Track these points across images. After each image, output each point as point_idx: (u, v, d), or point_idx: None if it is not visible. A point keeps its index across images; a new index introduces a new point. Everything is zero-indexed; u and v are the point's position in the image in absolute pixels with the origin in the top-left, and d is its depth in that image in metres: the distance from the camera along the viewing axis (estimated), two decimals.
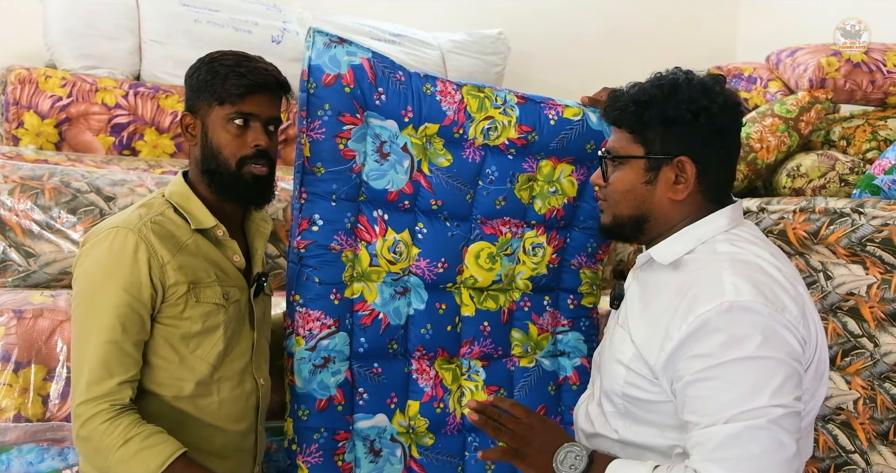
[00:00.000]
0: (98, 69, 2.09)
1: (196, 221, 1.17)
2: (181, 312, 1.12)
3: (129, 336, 1.08)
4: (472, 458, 1.44)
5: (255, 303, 1.24)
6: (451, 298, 1.46)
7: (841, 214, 1.69)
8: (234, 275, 1.21)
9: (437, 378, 1.43)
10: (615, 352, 1.07)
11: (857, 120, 2.21)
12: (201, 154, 1.18)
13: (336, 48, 1.29)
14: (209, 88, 1.15)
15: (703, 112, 1.01)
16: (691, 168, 1.02)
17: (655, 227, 1.07)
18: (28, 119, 1.99)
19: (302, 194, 1.32)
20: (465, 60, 2.61)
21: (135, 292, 1.08)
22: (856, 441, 1.66)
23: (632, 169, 1.05)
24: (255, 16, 2.31)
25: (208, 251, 1.17)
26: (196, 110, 1.18)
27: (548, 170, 1.48)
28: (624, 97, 1.05)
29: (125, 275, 1.08)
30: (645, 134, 1.04)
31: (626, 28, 3.11)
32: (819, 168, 2.03)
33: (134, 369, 1.09)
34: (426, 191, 1.40)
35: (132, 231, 1.10)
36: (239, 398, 1.21)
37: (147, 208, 1.16)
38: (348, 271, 1.36)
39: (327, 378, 1.33)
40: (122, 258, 1.08)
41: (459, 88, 1.38)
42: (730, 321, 0.92)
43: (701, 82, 1.04)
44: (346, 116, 1.30)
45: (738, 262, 0.98)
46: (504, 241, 1.48)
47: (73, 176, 1.60)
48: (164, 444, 1.05)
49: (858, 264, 1.66)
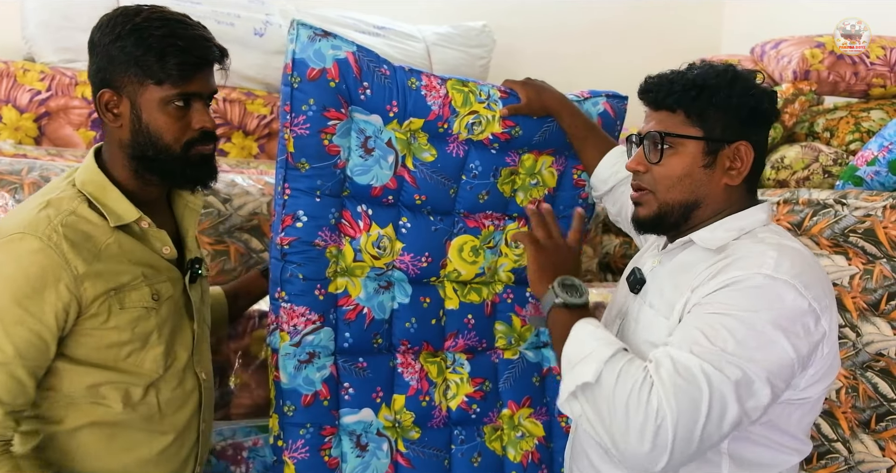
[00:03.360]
0: (77, 62, 2.05)
1: (115, 217, 1.02)
2: (104, 322, 0.99)
3: (23, 361, 0.94)
4: (458, 452, 1.44)
5: (191, 291, 1.13)
6: (434, 291, 1.45)
7: (824, 205, 1.70)
8: (166, 268, 1.09)
9: (423, 372, 1.43)
10: (646, 335, 1.06)
11: (841, 112, 2.23)
12: (132, 139, 1.02)
13: (321, 42, 1.27)
14: (140, 65, 0.98)
15: (762, 99, 1.03)
16: (750, 153, 1.03)
17: (703, 213, 1.06)
18: (6, 113, 1.96)
19: (285, 190, 1.30)
20: (449, 53, 2.60)
21: (37, 312, 0.93)
22: (838, 429, 1.68)
23: (689, 152, 1.03)
24: (238, 8, 2.29)
25: (132, 249, 1.04)
26: (119, 86, 1.01)
27: (529, 163, 1.48)
28: (677, 80, 1.03)
29: (27, 293, 0.93)
30: (704, 117, 1.03)
31: (611, 20, 3.11)
32: (803, 160, 2.04)
33: (22, 398, 0.95)
34: (410, 186, 1.39)
35: (39, 240, 0.94)
36: (178, 399, 1.11)
37: (55, 208, 0.99)
38: (332, 266, 1.35)
39: (312, 374, 1.32)
40: (26, 275, 0.93)
41: (444, 83, 1.37)
42: (756, 287, 0.92)
43: (747, 72, 1.06)
44: (331, 111, 1.28)
45: (784, 246, 0.98)
46: (487, 234, 1.48)
47: (52, 170, 1.58)
48: None
49: (841, 254, 1.68)
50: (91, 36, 1.04)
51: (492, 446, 1.47)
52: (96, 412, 1.03)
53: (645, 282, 1.12)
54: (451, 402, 1.45)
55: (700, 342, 0.89)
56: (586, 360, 0.92)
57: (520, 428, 1.50)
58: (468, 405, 1.46)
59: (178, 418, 1.11)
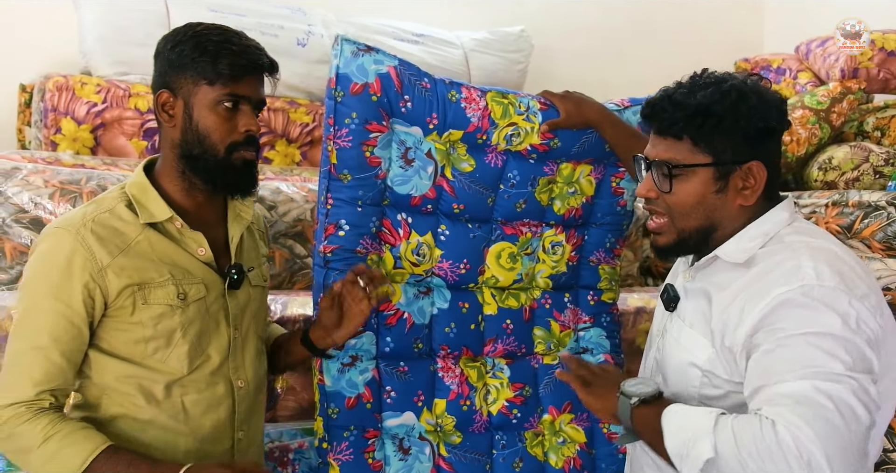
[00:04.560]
0: (131, 75, 2.15)
1: (147, 214, 1.08)
2: (130, 315, 1.05)
3: (58, 345, 1.01)
4: (499, 456, 1.45)
5: (229, 296, 1.15)
6: (473, 297, 1.47)
7: (876, 207, 1.66)
8: (200, 270, 1.11)
9: (463, 376, 1.45)
10: (686, 355, 1.05)
11: (892, 110, 2.16)
12: (181, 137, 1.08)
13: (364, 57, 1.30)
14: (196, 66, 1.05)
15: (768, 116, 1.00)
16: (762, 172, 1.00)
17: (722, 235, 1.04)
18: (65, 125, 2.05)
19: (328, 200, 1.33)
20: (487, 59, 2.60)
21: (66, 298, 1.01)
22: (895, 439, 1.63)
23: (699, 179, 1.01)
24: (281, 19, 2.35)
25: (164, 249, 1.08)
26: (176, 88, 1.08)
27: (567, 172, 1.48)
28: (681, 107, 1.00)
29: (57, 282, 1.01)
30: (712, 143, 1.00)
31: (650, 21, 3.07)
32: (852, 160, 1.98)
33: (59, 379, 1.02)
34: (448, 195, 1.41)
35: (69, 233, 1.02)
36: (205, 402, 1.12)
37: (97, 205, 1.08)
38: None
39: (355, 377, 1.35)
40: (56, 264, 1.01)
41: (484, 95, 1.38)
42: (810, 301, 0.90)
43: (754, 85, 1.02)
44: (372, 124, 1.31)
45: (815, 249, 0.96)
46: (524, 240, 1.48)
47: (109, 180, 1.65)
48: (84, 441, 1.00)
49: (895, 258, 1.63)
50: (157, 47, 1.12)
51: (533, 451, 1.48)
52: (125, 405, 1.08)
53: (679, 299, 1.11)
54: (491, 407, 1.46)
55: (793, 369, 0.88)
56: (695, 442, 0.89)
57: (561, 434, 1.50)
58: (509, 410, 1.47)
59: (203, 421, 1.12)
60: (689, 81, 1.04)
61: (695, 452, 0.89)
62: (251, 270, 1.21)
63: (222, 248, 1.16)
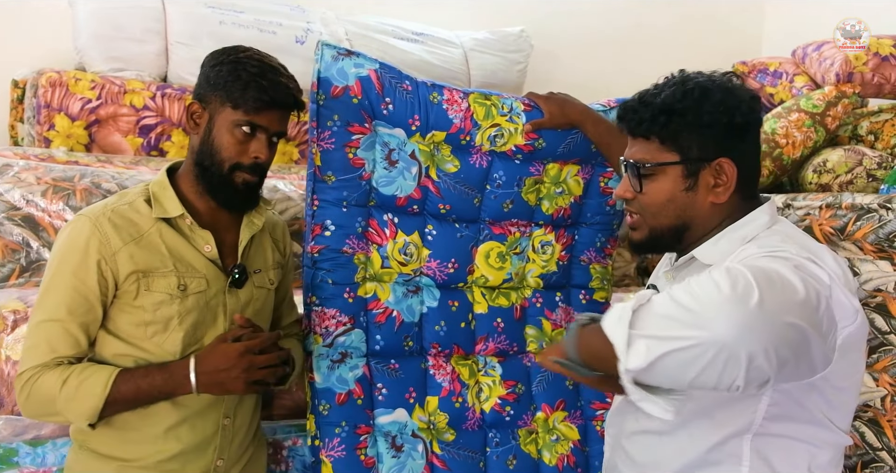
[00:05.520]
0: (126, 71, 2.13)
1: (160, 209, 1.17)
2: (133, 299, 1.14)
3: (74, 317, 1.12)
4: (493, 454, 1.45)
5: (229, 294, 1.22)
6: (463, 296, 1.48)
7: (868, 209, 1.66)
8: (204, 266, 1.19)
9: (454, 374, 1.45)
10: None
11: (886, 114, 2.17)
12: (199, 147, 1.19)
13: (343, 61, 1.32)
14: (227, 89, 1.15)
15: (735, 112, 1.00)
16: (732, 169, 1.00)
17: (695, 233, 1.04)
18: (59, 121, 2.03)
19: (314, 202, 1.35)
20: (487, 59, 2.60)
21: (82, 275, 1.12)
22: (883, 438, 1.64)
23: (668, 177, 1.02)
24: (280, 17, 2.34)
25: (173, 242, 1.17)
26: (207, 101, 1.18)
27: (554, 172, 1.49)
28: (647, 107, 1.01)
29: (76, 260, 1.12)
30: (678, 141, 1.01)
31: (649, 24, 3.08)
32: (846, 163, 1.99)
33: (76, 348, 1.13)
34: (434, 196, 1.42)
35: (89, 220, 1.14)
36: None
37: (120, 197, 1.19)
38: (360, 272, 1.39)
39: (345, 373, 1.36)
40: (76, 245, 1.13)
41: (466, 97, 1.40)
42: (758, 256, 0.89)
43: (722, 82, 1.02)
44: (354, 126, 1.33)
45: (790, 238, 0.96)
46: (513, 240, 1.49)
47: (103, 177, 1.64)
48: (100, 371, 1.10)
49: (886, 260, 1.64)
50: (203, 59, 1.22)
51: (527, 449, 1.48)
52: None
53: None
54: (484, 404, 1.46)
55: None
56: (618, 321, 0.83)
57: (554, 432, 1.51)
58: (502, 408, 1.47)
59: (187, 401, 1.17)
60: (662, 83, 1.05)
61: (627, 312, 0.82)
62: (257, 272, 1.27)
63: (232, 249, 1.24)
